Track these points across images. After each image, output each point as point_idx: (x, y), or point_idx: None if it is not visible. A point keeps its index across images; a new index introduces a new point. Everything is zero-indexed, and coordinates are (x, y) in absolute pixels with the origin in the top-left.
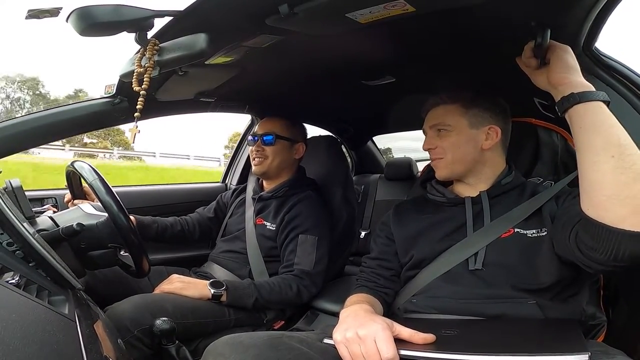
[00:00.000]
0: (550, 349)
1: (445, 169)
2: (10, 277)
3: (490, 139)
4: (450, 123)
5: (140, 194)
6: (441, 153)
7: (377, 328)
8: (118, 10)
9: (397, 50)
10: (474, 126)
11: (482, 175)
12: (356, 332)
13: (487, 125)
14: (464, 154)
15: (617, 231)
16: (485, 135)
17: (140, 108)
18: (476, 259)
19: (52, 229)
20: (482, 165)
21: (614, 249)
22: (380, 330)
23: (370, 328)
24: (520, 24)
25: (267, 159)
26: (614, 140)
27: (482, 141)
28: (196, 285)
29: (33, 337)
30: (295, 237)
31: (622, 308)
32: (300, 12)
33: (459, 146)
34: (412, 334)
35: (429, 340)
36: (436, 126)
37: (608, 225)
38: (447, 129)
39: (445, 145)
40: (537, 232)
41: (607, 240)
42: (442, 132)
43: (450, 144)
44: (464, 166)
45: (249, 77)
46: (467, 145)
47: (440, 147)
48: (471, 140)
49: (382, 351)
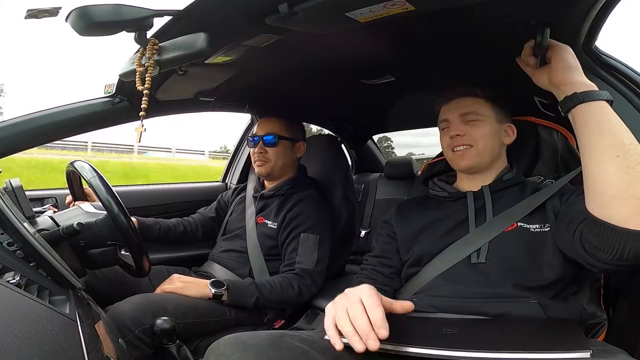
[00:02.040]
0: (552, 347)
1: (474, 157)
2: (11, 277)
3: (508, 135)
4: (484, 113)
5: (141, 193)
6: (471, 141)
7: (364, 287)
8: (117, 10)
9: (397, 49)
10: (499, 121)
11: (493, 170)
12: (344, 294)
13: (507, 123)
14: (492, 146)
15: (623, 231)
16: (505, 132)
17: (145, 107)
18: (479, 254)
19: (52, 229)
20: (498, 160)
21: (619, 248)
22: (366, 288)
23: (357, 289)
24: (519, 23)
25: (270, 161)
26: (618, 140)
27: (503, 137)
28: (197, 285)
29: (34, 337)
30: (297, 236)
31: (623, 306)
32: (299, 11)
33: (489, 137)
34: (391, 302)
35: (407, 309)
36: (468, 115)
37: (613, 225)
38: (480, 118)
39: (477, 133)
40: (541, 228)
41: (612, 240)
42: (472, 121)
43: (483, 133)
44: (490, 157)
45: (249, 77)
46: (495, 138)
47: (470, 135)
48: (498, 134)
49: (367, 303)
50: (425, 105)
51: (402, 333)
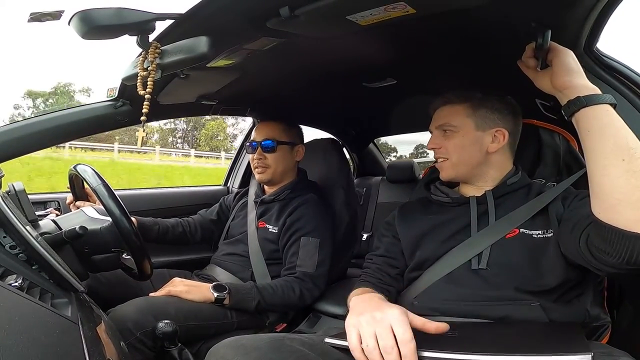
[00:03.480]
0: (553, 349)
1: (450, 170)
2: (14, 280)
3: (497, 142)
4: (456, 124)
5: (143, 196)
6: (445, 153)
7: (394, 312)
8: (120, 13)
9: (398, 52)
10: (480, 128)
11: (488, 177)
12: (372, 315)
13: (495, 128)
14: (469, 156)
15: (630, 234)
16: (492, 137)
17: (146, 112)
18: (480, 259)
19: (55, 232)
20: (487, 168)
21: (627, 252)
22: (397, 314)
23: (387, 312)
24: (520, 25)
25: (270, 167)
26: (623, 143)
27: (488, 144)
28: (200, 289)
29: (36, 340)
30: (298, 240)
31: (627, 309)
32: (301, 15)
33: (464, 147)
34: (424, 322)
35: (441, 329)
36: (442, 126)
37: (620, 229)
38: (453, 129)
39: (450, 145)
40: (544, 233)
41: (620, 244)
42: (447, 132)
43: (455, 145)
44: (469, 168)
45: (251, 80)
46: (472, 147)
47: (445, 148)
48: (477, 143)
49: (399, 333)
50: (427, 108)
51: None
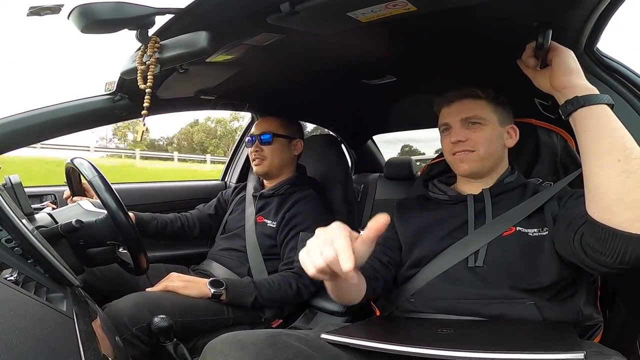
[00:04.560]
0: (546, 348)
1: (476, 162)
2: (9, 273)
3: (511, 137)
4: (486, 117)
5: (140, 191)
6: (473, 146)
7: (335, 224)
8: (119, 8)
9: (398, 50)
10: (501, 123)
11: (495, 173)
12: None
13: (510, 125)
14: (495, 150)
15: (624, 234)
16: (507, 133)
17: (147, 106)
18: (477, 257)
19: (51, 226)
20: (500, 163)
21: (621, 252)
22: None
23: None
24: (521, 24)
25: (267, 159)
26: (619, 144)
27: (506, 139)
28: (197, 284)
29: (31, 334)
30: (296, 235)
31: (619, 308)
32: (301, 11)
33: (491, 141)
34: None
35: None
36: (469, 119)
37: (614, 229)
38: (482, 122)
39: (479, 138)
40: (539, 232)
41: (614, 244)
42: (475, 125)
43: (485, 138)
44: (492, 162)
45: (250, 75)
46: (497, 142)
47: (473, 140)
48: (500, 137)
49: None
50: (426, 105)
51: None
